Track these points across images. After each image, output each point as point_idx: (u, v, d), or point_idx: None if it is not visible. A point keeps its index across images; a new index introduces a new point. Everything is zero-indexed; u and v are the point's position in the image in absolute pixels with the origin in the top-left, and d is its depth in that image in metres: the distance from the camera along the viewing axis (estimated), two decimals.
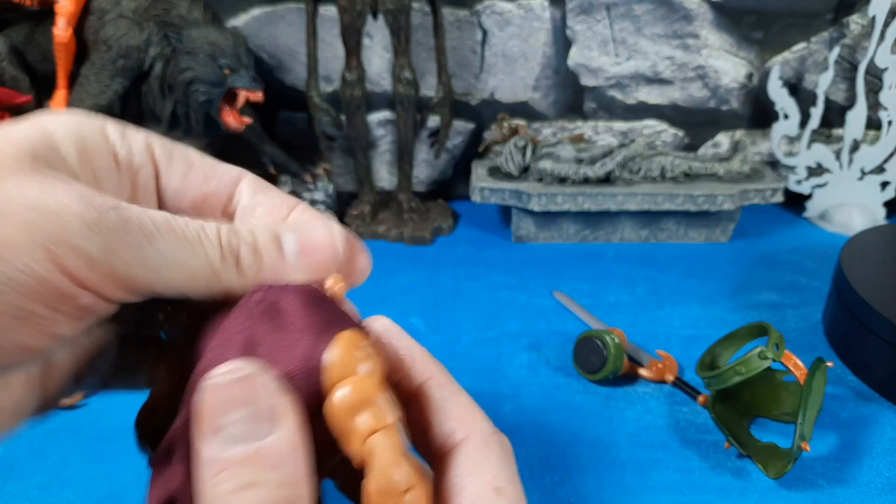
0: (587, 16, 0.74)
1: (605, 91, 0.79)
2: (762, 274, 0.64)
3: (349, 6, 0.64)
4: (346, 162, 0.82)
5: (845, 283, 0.49)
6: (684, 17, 0.74)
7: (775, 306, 0.58)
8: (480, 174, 0.71)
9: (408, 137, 0.72)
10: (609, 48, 0.76)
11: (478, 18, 0.75)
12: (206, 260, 0.16)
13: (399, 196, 0.75)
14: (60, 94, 0.64)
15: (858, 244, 0.55)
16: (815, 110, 0.73)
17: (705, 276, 0.63)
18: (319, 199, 0.72)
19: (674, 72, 0.77)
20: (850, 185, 0.74)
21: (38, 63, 0.66)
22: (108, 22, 0.60)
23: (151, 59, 0.62)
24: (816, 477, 0.38)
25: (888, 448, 0.41)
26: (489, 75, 0.78)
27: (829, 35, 0.74)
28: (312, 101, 0.70)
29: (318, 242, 0.18)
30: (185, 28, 0.61)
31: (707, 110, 0.79)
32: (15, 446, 0.42)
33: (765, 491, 0.37)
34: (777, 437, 0.40)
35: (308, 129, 0.75)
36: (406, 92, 0.69)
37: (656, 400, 0.45)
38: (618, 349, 0.45)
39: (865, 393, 0.46)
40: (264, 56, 0.77)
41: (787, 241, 0.71)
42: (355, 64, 0.67)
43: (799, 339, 0.52)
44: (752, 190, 0.67)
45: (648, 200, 0.67)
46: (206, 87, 0.63)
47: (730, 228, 0.71)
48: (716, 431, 0.42)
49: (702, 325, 0.55)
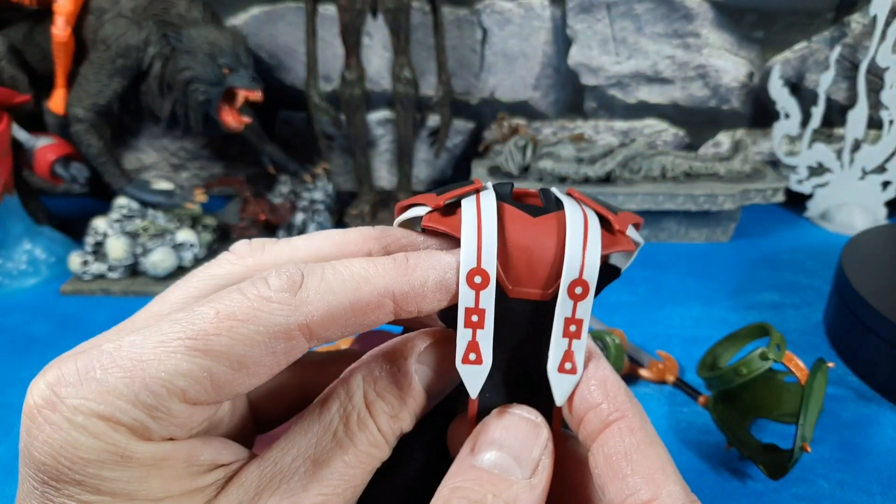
0: (587, 15, 0.74)
1: (606, 90, 0.78)
2: (763, 274, 0.64)
3: (349, 5, 0.63)
4: (346, 161, 0.82)
5: (846, 283, 0.49)
6: (685, 16, 0.73)
7: (776, 306, 0.57)
8: (480, 174, 0.71)
9: (407, 137, 0.72)
10: (609, 47, 0.76)
11: (478, 17, 0.75)
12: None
13: (399, 195, 0.75)
14: (59, 93, 0.64)
15: (859, 244, 0.55)
16: (816, 110, 0.73)
17: (706, 276, 0.63)
18: (319, 199, 0.72)
19: (674, 71, 0.77)
20: (851, 184, 0.74)
21: (37, 62, 0.66)
22: (106, 21, 0.60)
23: (150, 59, 0.62)
24: (817, 478, 0.38)
25: (889, 448, 0.41)
26: (489, 74, 0.78)
27: (830, 34, 0.74)
28: (312, 101, 0.70)
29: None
30: (184, 27, 0.61)
31: (708, 110, 0.79)
32: (14, 447, 0.42)
33: (766, 492, 0.37)
34: (778, 438, 0.40)
35: (307, 128, 0.75)
36: (406, 91, 0.68)
37: (657, 401, 0.45)
38: (618, 350, 0.45)
39: (866, 393, 0.46)
40: (263, 55, 0.77)
41: (788, 240, 0.71)
42: (355, 63, 0.67)
43: (800, 339, 0.52)
44: (752, 189, 0.67)
45: (649, 200, 0.66)
46: (205, 86, 0.62)
47: (731, 228, 0.70)
48: (717, 432, 0.42)
49: (702, 325, 0.55)
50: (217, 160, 0.86)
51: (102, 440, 0.14)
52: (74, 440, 0.13)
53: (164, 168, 0.87)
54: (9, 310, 0.60)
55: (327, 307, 0.15)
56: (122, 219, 0.64)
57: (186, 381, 0.14)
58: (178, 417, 0.14)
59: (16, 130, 0.62)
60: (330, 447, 0.16)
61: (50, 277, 0.65)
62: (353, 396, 0.17)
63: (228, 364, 0.14)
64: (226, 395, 0.15)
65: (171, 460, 0.15)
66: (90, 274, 0.62)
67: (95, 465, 0.14)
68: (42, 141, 0.64)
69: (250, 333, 0.15)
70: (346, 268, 0.16)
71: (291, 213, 0.70)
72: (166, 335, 0.14)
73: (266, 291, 0.15)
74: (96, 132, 0.63)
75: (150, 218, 0.65)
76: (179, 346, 0.14)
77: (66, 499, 0.14)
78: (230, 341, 0.14)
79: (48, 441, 0.14)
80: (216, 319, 0.14)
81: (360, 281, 0.16)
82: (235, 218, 0.70)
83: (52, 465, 0.14)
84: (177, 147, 0.85)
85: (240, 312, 0.15)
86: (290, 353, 0.15)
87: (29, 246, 0.66)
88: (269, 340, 0.15)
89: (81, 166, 0.65)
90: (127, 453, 0.14)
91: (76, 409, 0.14)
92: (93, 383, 0.14)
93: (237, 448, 0.17)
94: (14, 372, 0.50)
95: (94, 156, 0.63)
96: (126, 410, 0.14)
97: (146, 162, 0.87)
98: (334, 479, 0.16)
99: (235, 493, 0.15)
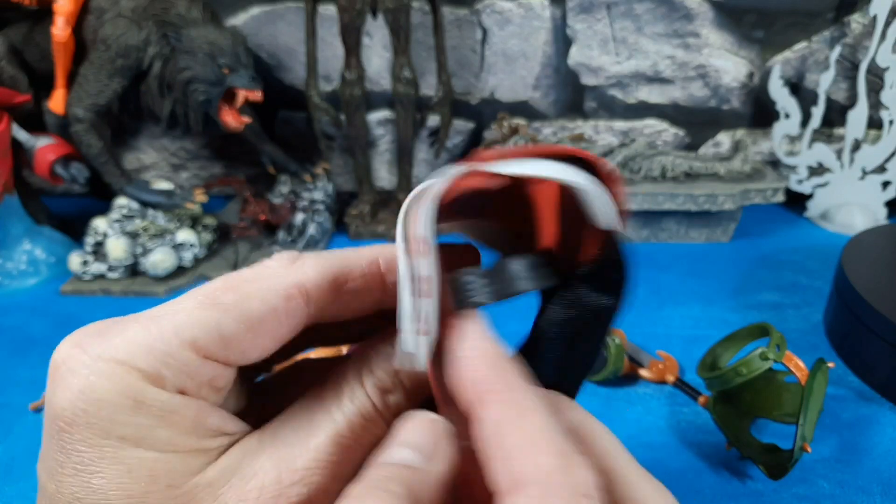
0: (587, 15, 0.74)
1: (606, 90, 0.78)
2: (763, 274, 0.64)
3: (349, 5, 0.63)
4: (346, 161, 0.82)
5: (846, 283, 0.49)
6: (685, 16, 0.73)
7: (776, 306, 0.57)
8: None
9: (407, 137, 0.72)
10: (609, 47, 0.76)
11: (478, 17, 0.75)
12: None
13: (399, 196, 0.75)
14: (59, 93, 0.64)
15: (860, 244, 0.55)
16: (816, 110, 0.72)
17: (706, 276, 0.63)
18: (319, 199, 0.72)
19: (674, 71, 0.77)
20: (851, 184, 0.74)
21: (37, 62, 0.66)
22: (106, 21, 0.60)
23: (150, 59, 0.62)
24: (817, 478, 0.38)
25: (889, 449, 0.41)
26: (489, 74, 0.78)
27: (830, 34, 0.74)
28: (312, 101, 0.70)
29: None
30: (183, 27, 0.61)
31: (708, 110, 0.79)
32: (14, 447, 0.42)
33: (766, 492, 0.37)
34: (778, 439, 0.40)
35: (307, 128, 0.75)
36: (406, 91, 0.68)
37: (657, 401, 0.45)
38: (618, 350, 0.45)
39: (866, 393, 0.46)
40: (263, 55, 0.77)
41: (789, 240, 0.71)
42: (355, 63, 0.67)
43: (800, 339, 0.52)
44: (753, 189, 0.67)
45: (649, 200, 0.66)
46: (205, 86, 0.62)
47: (731, 228, 0.70)
48: (716, 432, 0.42)
49: (703, 325, 0.55)
50: (217, 160, 0.86)
51: (118, 383, 0.15)
52: (92, 384, 0.15)
53: (164, 168, 0.87)
54: (9, 310, 0.60)
55: (320, 269, 0.18)
56: (122, 219, 0.64)
57: (196, 331, 0.16)
58: (189, 367, 0.16)
59: (16, 130, 0.62)
60: (323, 419, 0.17)
61: (50, 277, 0.65)
62: (347, 373, 0.18)
63: (235, 318, 0.16)
64: (234, 352, 0.16)
65: (180, 414, 0.15)
66: (90, 274, 0.62)
67: (109, 408, 0.15)
68: (42, 141, 0.64)
69: (253, 290, 0.17)
70: (339, 250, 0.19)
71: (291, 213, 0.70)
72: (181, 299, 0.17)
73: (269, 262, 0.18)
74: (96, 132, 0.63)
75: (150, 218, 0.65)
76: (191, 302, 0.16)
77: (78, 444, 0.15)
78: (236, 297, 0.16)
79: (68, 387, 0.15)
80: (224, 281, 0.17)
81: (349, 251, 0.19)
82: (235, 218, 0.70)
83: (69, 408, 0.15)
84: (177, 147, 0.85)
85: (246, 274, 0.17)
86: (290, 315, 0.17)
87: (29, 246, 0.66)
88: (270, 296, 0.17)
89: (81, 166, 0.65)
90: (140, 397, 0.15)
91: (97, 356, 0.15)
92: (113, 336, 0.15)
93: (242, 424, 0.18)
94: (14, 372, 0.50)
95: (94, 156, 0.63)
96: (141, 357, 0.15)
97: (146, 162, 0.87)
98: (327, 448, 0.17)
99: (235, 455, 0.16)
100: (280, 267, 0.17)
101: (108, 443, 0.15)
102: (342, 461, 0.17)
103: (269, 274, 0.17)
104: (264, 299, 0.16)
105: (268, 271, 0.17)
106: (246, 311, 0.16)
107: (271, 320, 0.17)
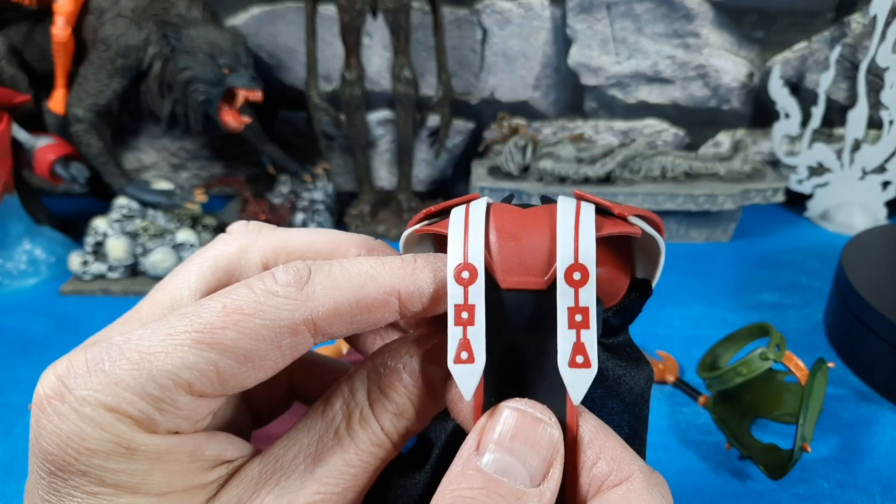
0: (587, 15, 0.74)
1: (606, 90, 0.78)
2: (763, 274, 0.63)
3: (349, 5, 0.63)
4: (346, 161, 0.82)
5: (846, 283, 0.49)
6: (685, 16, 0.73)
7: (776, 306, 0.57)
8: (480, 174, 0.71)
9: (407, 137, 0.72)
10: (609, 47, 0.76)
11: (478, 17, 0.75)
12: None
13: (399, 196, 0.75)
14: (59, 93, 0.64)
15: (860, 244, 0.55)
16: (816, 110, 0.72)
17: (706, 276, 0.63)
18: (319, 199, 0.72)
19: (674, 71, 0.76)
20: (851, 184, 0.74)
21: (37, 62, 0.66)
22: (106, 21, 0.60)
23: (150, 59, 0.62)
24: (817, 478, 0.38)
25: (889, 449, 0.41)
26: (489, 74, 0.78)
27: (830, 34, 0.74)
28: (312, 101, 0.70)
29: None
30: (183, 27, 0.61)
31: (708, 110, 0.79)
32: (14, 447, 0.42)
33: (765, 492, 0.37)
34: (778, 438, 0.40)
35: (307, 128, 0.75)
36: (406, 91, 0.68)
37: (657, 401, 0.45)
38: None
39: (866, 393, 0.46)
40: (263, 55, 0.77)
41: (789, 240, 0.71)
42: (355, 63, 0.67)
43: (800, 339, 0.52)
44: (752, 189, 0.67)
45: (649, 200, 0.66)
46: (205, 86, 0.62)
47: (731, 228, 0.70)
48: (716, 432, 0.42)
49: (703, 325, 0.55)
50: (217, 160, 0.86)
51: (109, 431, 0.14)
52: (81, 431, 0.14)
53: (164, 168, 0.87)
54: (9, 310, 0.60)
55: (333, 303, 0.15)
56: (122, 219, 0.64)
57: (193, 374, 0.14)
58: (184, 410, 0.14)
59: (16, 130, 0.62)
60: (331, 445, 0.16)
61: (50, 277, 0.65)
62: (356, 393, 0.17)
63: (234, 357, 0.15)
64: (231, 389, 0.15)
65: (175, 454, 0.15)
66: (90, 274, 0.62)
67: (101, 457, 0.14)
68: (42, 141, 0.64)
69: (256, 327, 0.15)
70: (354, 265, 0.16)
71: (291, 213, 0.70)
72: (174, 328, 0.15)
73: (273, 286, 0.15)
74: (96, 132, 0.63)
75: (150, 218, 0.65)
76: (186, 339, 0.14)
77: (72, 489, 0.14)
78: (236, 335, 0.14)
79: (56, 431, 0.14)
80: (223, 313, 0.15)
81: (366, 278, 0.16)
82: (235, 218, 0.70)
83: (58, 455, 0.14)
84: (177, 147, 0.85)
85: (246, 306, 0.15)
86: (295, 348, 0.15)
87: (29, 246, 0.66)
88: (274, 335, 0.15)
89: (81, 166, 0.65)
90: (132, 445, 0.14)
91: (84, 400, 0.14)
92: (101, 375, 0.14)
93: (241, 444, 0.17)
94: (14, 372, 0.50)
95: (94, 156, 0.63)
96: (133, 402, 0.14)
97: (146, 162, 0.87)
98: (334, 477, 0.16)
99: (235, 490, 0.15)
100: (286, 298, 0.15)
101: (104, 490, 0.14)
102: (347, 489, 0.16)
103: (272, 306, 0.15)
104: (267, 338, 0.15)
105: (272, 301, 0.15)
106: (247, 350, 0.15)
107: (274, 357, 0.15)
